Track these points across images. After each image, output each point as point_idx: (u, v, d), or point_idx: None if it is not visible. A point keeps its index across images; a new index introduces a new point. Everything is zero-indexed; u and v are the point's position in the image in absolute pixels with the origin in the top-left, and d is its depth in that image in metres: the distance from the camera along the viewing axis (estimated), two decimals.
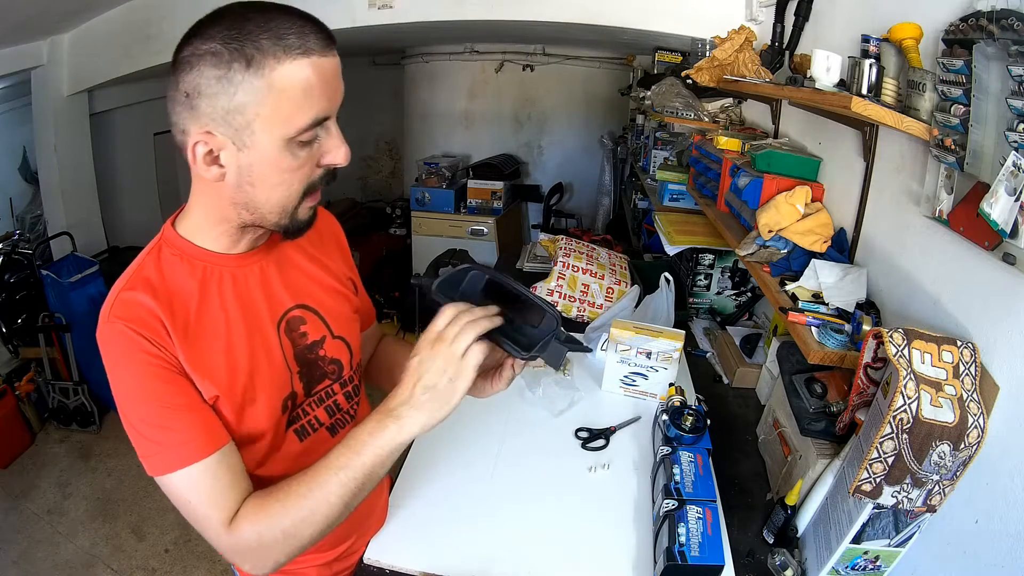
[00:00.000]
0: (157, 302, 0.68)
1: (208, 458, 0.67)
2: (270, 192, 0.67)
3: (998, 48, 0.73)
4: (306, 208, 0.71)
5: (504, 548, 1.02)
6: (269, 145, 0.63)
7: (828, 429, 1.05)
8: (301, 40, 0.61)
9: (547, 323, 0.75)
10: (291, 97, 0.61)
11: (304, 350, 0.81)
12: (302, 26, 0.61)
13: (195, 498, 0.67)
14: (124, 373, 0.67)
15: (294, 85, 0.61)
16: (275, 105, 0.61)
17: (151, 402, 0.67)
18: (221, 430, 0.71)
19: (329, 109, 0.65)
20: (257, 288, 0.77)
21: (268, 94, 0.61)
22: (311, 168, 0.68)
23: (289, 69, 0.60)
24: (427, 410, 0.67)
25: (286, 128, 0.62)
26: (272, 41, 0.60)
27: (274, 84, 0.60)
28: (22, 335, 3.03)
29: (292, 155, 0.65)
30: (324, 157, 0.68)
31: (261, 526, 0.67)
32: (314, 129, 0.64)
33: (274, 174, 0.65)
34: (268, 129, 0.62)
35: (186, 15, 0.61)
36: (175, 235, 0.73)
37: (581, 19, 2.37)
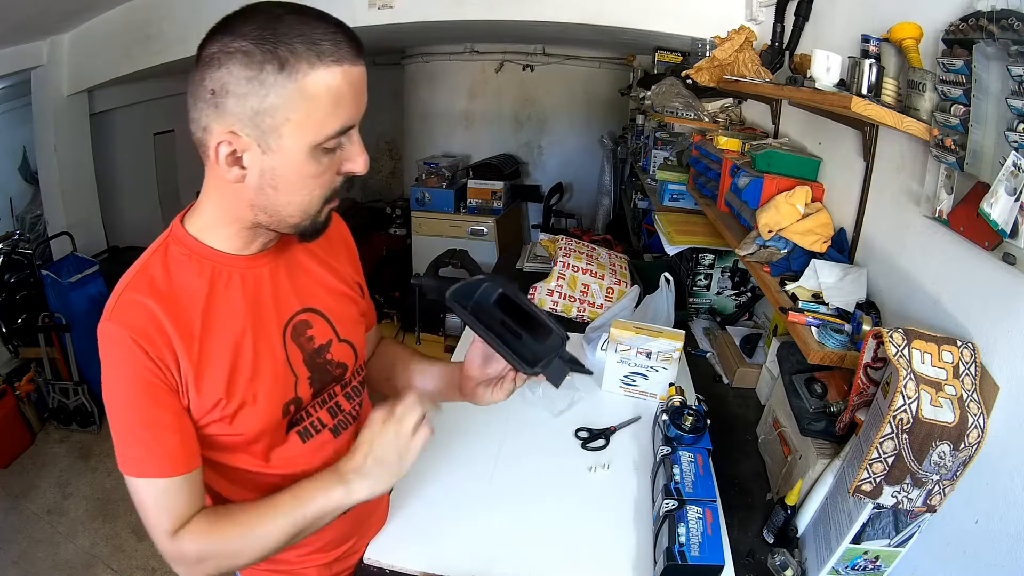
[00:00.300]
0: (161, 306, 0.68)
1: (172, 478, 0.70)
2: (291, 196, 0.67)
3: (998, 48, 0.73)
4: (326, 212, 0.72)
5: (504, 548, 1.02)
6: (295, 150, 0.63)
7: (828, 429, 1.05)
8: (335, 47, 0.61)
9: (552, 341, 0.79)
10: (322, 104, 0.61)
11: (312, 354, 0.81)
12: (335, 32, 0.61)
13: (150, 504, 0.70)
14: (116, 378, 0.68)
15: (326, 92, 0.61)
16: (307, 111, 0.61)
17: (134, 414, 0.69)
18: (193, 455, 0.72)
19: (355, 118, 0.66)
20: (265, 291, 0.77)
21: (300, 99, 0.60)
22: (332, 175, 0.68)
23: (322, 76, 0.60)
24: (375, 479, 0.75)
25: (315, 135, 0.63)
26: (307, 46, 0.59)
27: (306, 89, 0.60)
28: (22, 335, 3.03)
29: (316, 161, 0.65)
30: (344, 164, 0.68)
31: (201, 546, 0.71)
32: (339, 137, 0.65)
33: (297, 179, 0.66)
34: (297, 134, 0.62)
35: (186, 15, 0.61)
36: (184, 233, 0.73)
37: (581, 19, 2.37)
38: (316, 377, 0.82)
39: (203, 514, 0.73)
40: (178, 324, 0.69)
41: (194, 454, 0.72)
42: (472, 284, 0.80)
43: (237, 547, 0.73)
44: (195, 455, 0.73)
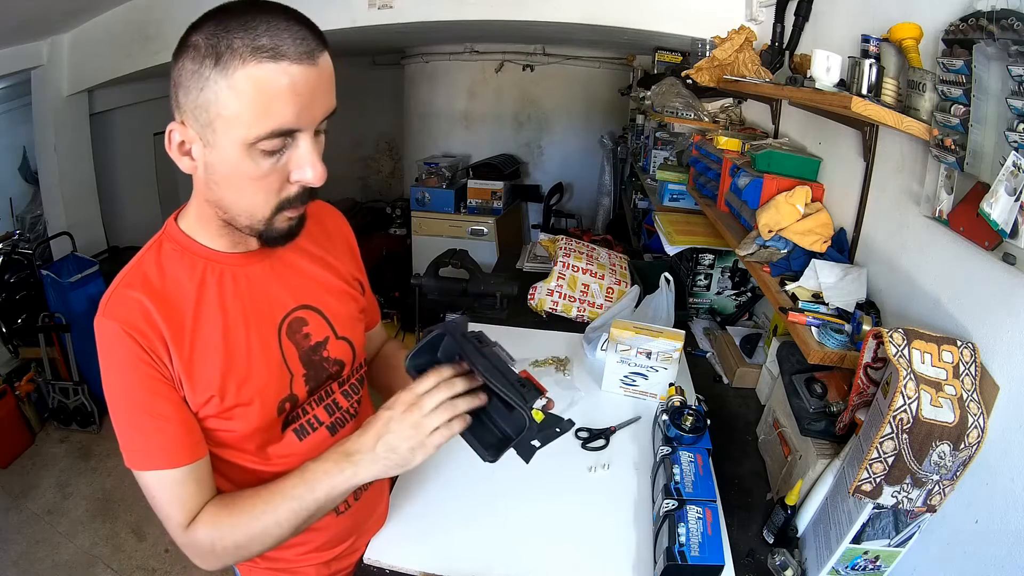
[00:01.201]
0: (154, 302, 0.69)
1: (178, 468, 0.70)
2: (235, 196, 0.66)
3: (998, 48, 0.73)
4: (284, 219, 0.69)
5: (504, 548, 1.02)
6: (228, 148, 0.61)
7: (828, 429, 1.05)
8: (274, 43, 0.57)
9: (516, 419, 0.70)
10: (251, 102, 0.58)
11: (308, 352, 0.81)
12: (283, 29, 0.58)
13: (160, 497, 0.71)
14: (114, 373, 0.69)
15: (255, 89, 0.58)
16: (236, 108, 0.59)
17: (135, 407, 0.69)
18: (198, 444, 0.72)
19: (297, 122, 0.61)
20: (259, 289, 0.77)
21: (229, 95, 0.58)
22: (280, 181, 0.65)
23: (253, 71, 0.57)
24: (383, 465, 0.73)
25: (244, 133, 0.60)
26: (245, 41, 0.57)
27: (235, 85, 0.58)
28: (22, 335, 3.04)
29: (254, 163, 0.62)
30: (294, 172, 0.65)
31: (215, 535, 0.71)
32: (278, 140, 0.61)
33: (235, 178, 0.64)
34: (227, 131, 0.60)
35: (186, 15, 0.61)
36: (177, 230, 0.74)
37: (581, 19, 2.37)
38: (312, 374, 0.82)
39: (213, 502, 0.73)
40: (169, 319, 0.69)
41: (198, 443, 0.72)
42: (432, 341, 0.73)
43: (248, 533, 0.72)
44: (199, 444, 0.72)
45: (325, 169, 0.66)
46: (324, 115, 0.64)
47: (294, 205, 0.68)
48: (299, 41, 0.59)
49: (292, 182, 0.66)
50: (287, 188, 0.66)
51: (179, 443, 0.70)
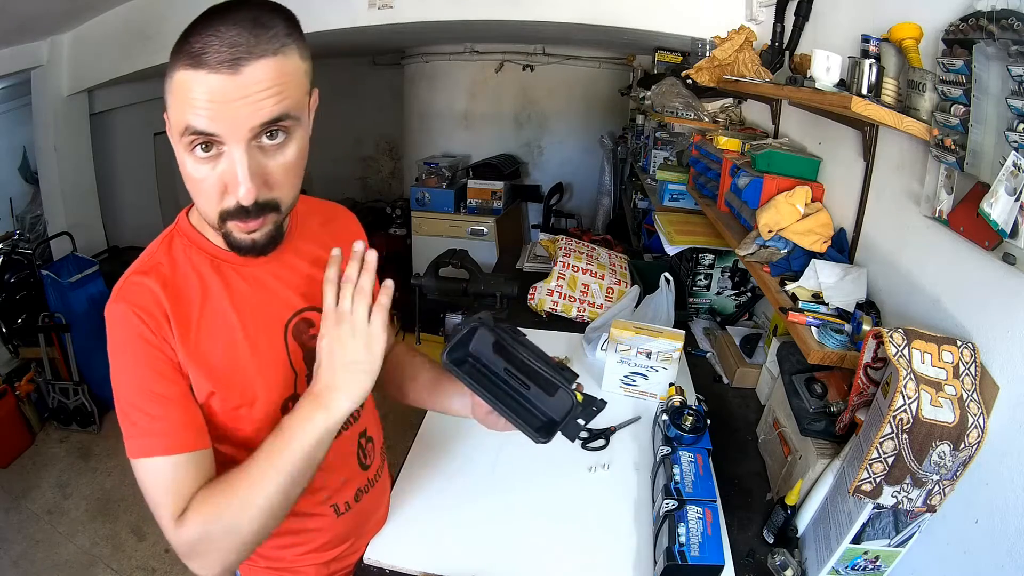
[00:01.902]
0: (165, 291, 0.69)
1: (179, 455, 0.67)
2: (192, 194, 0.67)
3: (998, 48, 0.73)
4: (237, 230, 0.67)
5: (504, 548, 1.02)
6: (175, 144, 0.65)
7: (828, 429, 1.05)
8: (200, 48, 0.58)
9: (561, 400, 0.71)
10: (176, 101, 0.61)
11: (313, 352, 0.81)
12: (218, 35, 0.58)
13: (154, 487, 0.67)
14: (122, 355, 0.69)
15: (178, 90, 0.61)
16: (170, 105, 0.62)
17: (142, 388, 0.68)
18: (202, 434, 0.70)
19: (212, 128, 0.60)
20: (266, 289, 0.77)
21: (168, 94, 0.62)
22: (217, 191, 0.65)
23: (179, 75, 0.60)
24: (351, 387, 0.69)
25: (176, 133, 0.63)
26: (181, 43, 0.60)
27: (170, 87, 0.62)
28: (22, 335, 3.03)
29: (193, 163, 0.64)
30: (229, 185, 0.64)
31: (204, 517, 0.66)
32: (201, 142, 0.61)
33: (185, 177, 0.66)
34: (171, 129, 0.64)
35: (186, 15, 0.61)
36: (188, 226, 0.74)
37: (581, 19, 2.37)
38: None
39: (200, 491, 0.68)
40: (177, 308, 0.70)
41: (201, 433, 0.70)
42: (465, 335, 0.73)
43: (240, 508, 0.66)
44: (202, 434, 0.70)
45: (255, 188, 0.63)
46: (252, 125, 0.61)
47: (236, 218, 0.66)
48: (226, 48, 0.58)
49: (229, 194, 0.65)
50: (226, 198, 0.65)
51: (181, 429, 0.68)
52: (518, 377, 0.72)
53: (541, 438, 0.70)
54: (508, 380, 0.73)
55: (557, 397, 0.71)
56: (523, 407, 0.72)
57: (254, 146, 0.63)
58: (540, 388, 0.72)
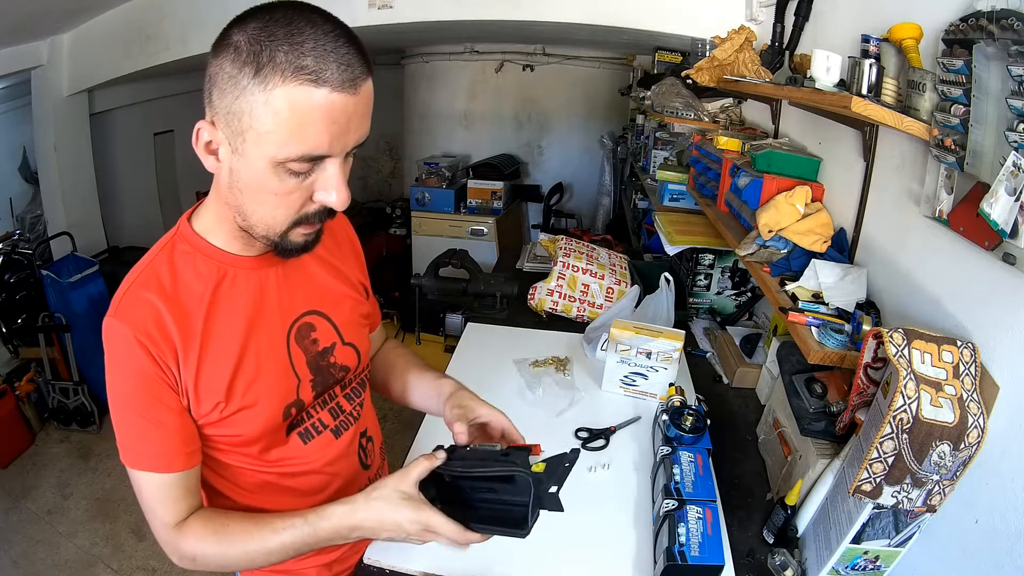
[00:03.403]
0: (167, 304, 0.68)
1: (169, 474, 0.70)
2: (256, 206, 0.65)
3: (998, 48, 0.73)
4: (299, 234, 0.68)
5: (504, 548, 1.02)
6: (257, 161, 0.60)
7: (828, 429, 1.05)
8: (318, 66, 0.56)
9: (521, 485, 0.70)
10: (286, 121, 0.57)
11: (316, 357, 0.81)
12: (330, 52, 0.56)
13: (148, 497, 0.71)
14: (118, 376, 0.69)
15: (292, 111, 0.57)
16: (270, 124, 0.57)
17: (135, 412, 0.69)
18: (193, 453, 0.73)
19: (329, 148, 0.60)
20: (269, 293, 0.77)
21: (265, 110, 0.57)
22: (303, 199, 0.65)
23: (292, 92, 0.56)
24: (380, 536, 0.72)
25: (275, 152, 0.59)
26: (289, 56, 0.55)
27: (271, 102, 0.56)
28: (22, 335, 3.03)
29: (279, 179, 0.62)
30: (318, 193, 0.64)
31: (199, 549, 0.71)
32: (307, 163, 0.61)
33: (258, 190, 0.63)
34: (258, 145, 0.59)
35: (186, 15, 0.61)
36: (190, 231, 0.73)
37: (581, 19, 2.37)
38: (319, 380, 0.82)
39: (205, 517, 0.73)
40: (181, 324, 0.69)
41: (194, 452, 0.73)
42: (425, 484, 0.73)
43: (234, 560, 0.73)
44: (195, 453, 0.73)
45: (349, 193, 0.65)
46: (357, 142, 0.63)
47: (311, 222, 0.68)
48: (344, 67, 0.57)
49: (314, 201, 0.65)
50: (308, 206, 0.66)
51: (175, 451, 0.71)
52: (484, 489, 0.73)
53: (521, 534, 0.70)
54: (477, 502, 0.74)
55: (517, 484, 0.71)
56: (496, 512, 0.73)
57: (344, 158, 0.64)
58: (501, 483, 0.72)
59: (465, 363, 1.61)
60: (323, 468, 0.85)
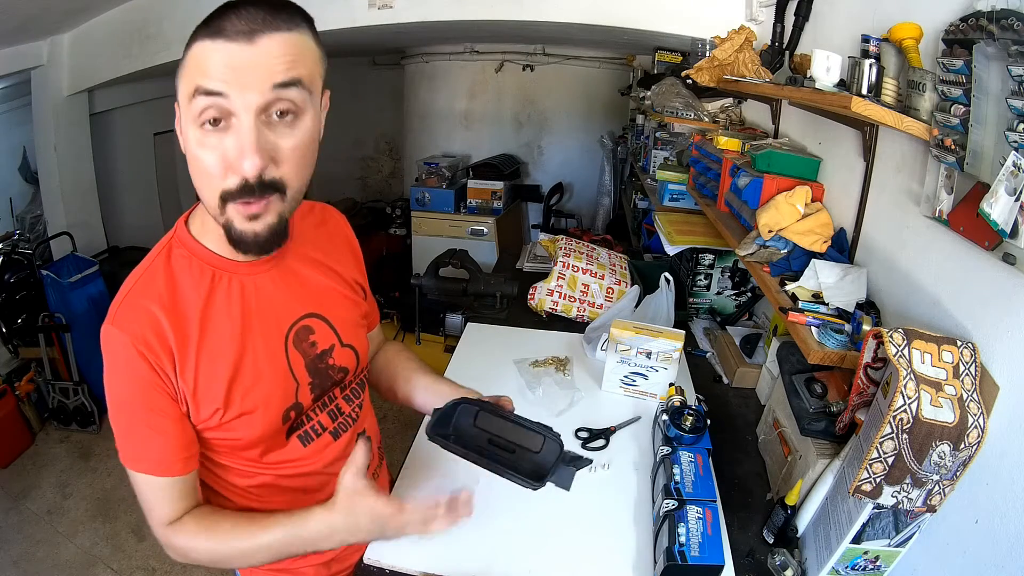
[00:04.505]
0: (164, 312, 0.69)
1: (169, 478, 0.71)
2: (195, 180, 0.66)
3: (998, 48, 0.73)
4: (237, 216, 0.65)
5: (504, 548, 1.02)
6: (184, 125, 0.64)
7: (828, 429, 1.05)
8: (219, 24, 0.60)
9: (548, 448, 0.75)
10: (187, 75, 0.62)
11: (315, 360, 0.81)
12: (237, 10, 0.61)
13: (146, 496, 0.73)
14: (117, 384, 0.70)
15: (191, 63, 0.62)
16: (182, 81, 0.63)
17: (133, 417, 0.70)
18: (191, 458, 0.73)
19: (223, 86, 0.60)
20: (266, 297, 0.76)
21: (183, 67, 0.64)
22: (221, 167, 0.63)
23: (196, 47, 0.62)
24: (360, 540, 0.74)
25: (186, 105, 0.63)
26: (203, 22, 0.61)
27: (186, 59, 0.63)
28: (22, 335, 3.03)
29: (199, 139, 0.63)
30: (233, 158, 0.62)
31: (191, 545, 0.74)
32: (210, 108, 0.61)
33: (191, 160, 0.65)
34: (182, 106, 0.64)
35: (186, 15, 0.62)
36: (187, 234, 0.73)
37: (581, 19, 2.37)
38: (317, 382, 0.82)
39: (199, 515, 0.74)
40: (178, 331, 0.69)
41: (192, 456, 0.74)
42: (447, 410, 0.78)
43: (223, 556, 0.74)
44: (193, 458, 0.74)
45: (262, 161, 0.62)
46: (261, 91, 0.61)
47: (236, 198, 0.64)
48: (242, 21, 0.60)
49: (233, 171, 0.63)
50: (228, 177, 0.63)
51: (173, 457, 0.71)
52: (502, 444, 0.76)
53: (532, 482, 0.73)
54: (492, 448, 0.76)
55: (544, 450, 0.75)
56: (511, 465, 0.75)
57: (263, 120, 0.62)
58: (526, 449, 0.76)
59: (465, 363, 1.61)
60: (323, 470, 0.86)
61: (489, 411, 0.78)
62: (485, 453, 0.75)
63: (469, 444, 0.76)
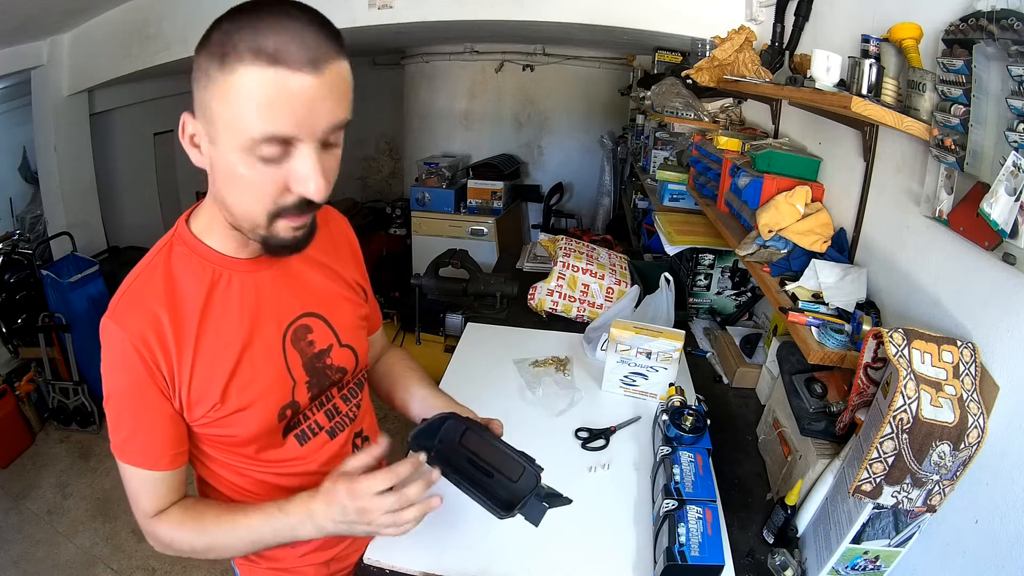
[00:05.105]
0: (163, 309, 0.69)
1: (155, 472, 0.73)
2: (235, 198, 0.64)
3: (998, 48, 0.73)
4: (286, 228, 0.66)
5: (504, 548, 1.02)
6: (227, 149, 0.60)
7: (828, 429, 1.05)
8: (276, 46, 0.55)
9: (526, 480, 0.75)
10: (245, 104, 0.56)
11: (312, 359, 0.81)
12: (291, 31, 0.55)
13: (132, 487, 0.75)
14: (113, 375, 0.71)
15: (250, 93, 0.56)
16: (233, 110, 0.57)
17: (126, 410, 0.71)
18: (180, 455, 0.75)
19: (294, 129, 0.58)
20: (265, 295, 0.77)
21: (227, 94, 0.57)
22: (278, 189, 0.62)
23: (250, 73, 0.55)
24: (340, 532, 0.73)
25: (238, 137, 0.58)
26: (247, 42, 0.55)
27: (233, 85, 0.56)
28: (22, 335, 3.03)
29: (251, 167, 0.60)
30: (292, 182, 0.62)
31: (173, 535, 0.75)
32: (276, 147, 0.59)
33: (232, 180, 0.62)
34: (226, 133, 0.59)
35: (186, 15, 0.62)
36: (188, 232, 0.73)
37: (581, 19, 2.37)
38: (315, 381, 0.82)
39: (184, 505, 0.76)
40: (177, 328, 0.69)
41: (180, 454, 0.75)
42: (434, 423, 0.78)
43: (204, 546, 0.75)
44: (181, 455, 0.75)
45: (328, 184, 0.62)
46: (328, 126, 0.60)
47: (291, 214, 0.65)
48: (304, 47, 0.56)
49: (291, 191, 0.63)
50: (285, 196, 0.63)
51: (160, 452, 0.73)
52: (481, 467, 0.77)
53: (501, 511, 0.73)
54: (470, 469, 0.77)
55: (521, 481, 0.75)
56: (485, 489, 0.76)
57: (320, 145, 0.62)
58: (504, 476, 0.76)
59: (465, 363, 1.61)
60: (319, 469, 0.86)
61: (476, 431, 0.79)
62: (463, 472, 0.76)
63: (449, 460, 0.76)
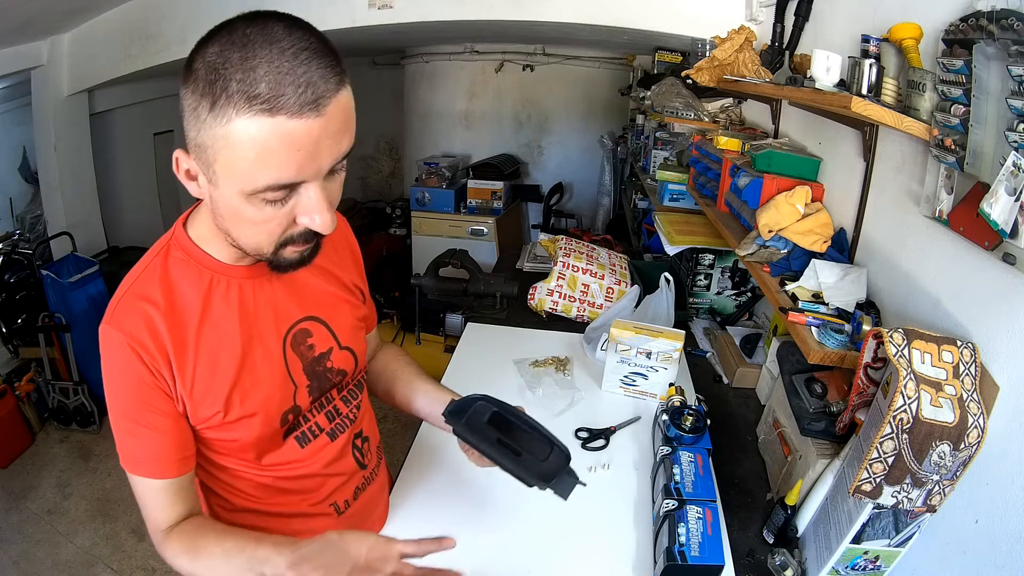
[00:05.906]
0: (160, 313, 0.68)
1: (163, 480, 0.72)
2: (239, 231, 0.64)
3: (998, 48, 0.73)
4: (292, 252, 0.66)
5: (504, 548, 1.02)
6: (229, 193, 0.58)
7: (828, 429, 1.05)
8: (272, 92, 0.51)
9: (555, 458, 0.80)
10: (246, 155, 0.54)
11: (313, 363, 0.81)
12: (286, 74, 0.52)
13: (144, 501, 0.74)
14: (114, 383, 0.70)
15: (249, 143, 0.53)
16: (230, 158, 0.55)
17: (131, 416, 0.70)
18: (188, 459, 0.74)
19: (298, 175, 0.56)
20: (264, 301, 0.76)
21: (224, 144, 0.54)
22: (285, 224, 0.62)
23: (248, 124, 0.52)
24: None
25: (241, 184, 0.56)
26: (241, 85, 0.51)
27: (229, 136, 0.53)
28: (22, 335, 3.03)
29: (256, 209, 0.59)
30: (301, 216, 0.61)
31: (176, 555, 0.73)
32: (279, 192, 0.58)
33: (237, 219, 0.62)
34: (226, 177, 0.57)
35: (186, 15, 0.61)
36: (186, 237, 0.73)
37: (581, 19, 2.37)
38: (316, 385, 0.82)
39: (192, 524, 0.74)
40: (175, 334, 0.69)
41: (188, 457, 0.74)
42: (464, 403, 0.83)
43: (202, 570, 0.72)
44: (189, 458, 0.74)
45: (335, 216, 0.62)
46: (335, 161, 0.59)
47: (298, 242, 0.65)
48: (303, 88, 0.52)
49: (298, 224, 0.62)
50: (292, 228, 0.63)
51: (169, 457, 0.72)
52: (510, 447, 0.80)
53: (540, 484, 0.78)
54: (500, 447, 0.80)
55: (550, 459, 0.80)
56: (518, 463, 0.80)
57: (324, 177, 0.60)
58: (532, 455, 0.80)
59: (465, 363, 1.61)
60: (320, 471, 0.86)
61: (506, 412, 0.82)
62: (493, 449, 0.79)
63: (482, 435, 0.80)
